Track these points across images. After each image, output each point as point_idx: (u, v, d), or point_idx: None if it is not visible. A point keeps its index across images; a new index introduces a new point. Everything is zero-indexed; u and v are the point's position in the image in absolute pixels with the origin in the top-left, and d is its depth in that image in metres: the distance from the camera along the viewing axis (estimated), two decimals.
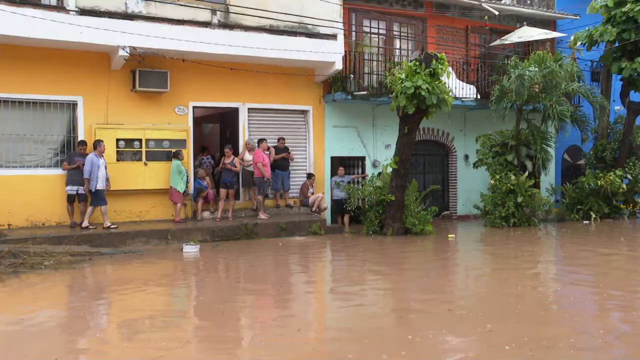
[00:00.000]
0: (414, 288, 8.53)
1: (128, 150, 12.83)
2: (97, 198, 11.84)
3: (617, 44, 16.49)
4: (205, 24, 12.72)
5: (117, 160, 12.58)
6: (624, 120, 17.71)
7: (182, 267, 10.32)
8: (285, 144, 14.38)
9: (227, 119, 15.26)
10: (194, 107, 13.76)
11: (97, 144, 11.95)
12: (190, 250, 11.17)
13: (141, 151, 12.92)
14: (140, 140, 12.90)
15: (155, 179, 12.94)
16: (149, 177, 12.91)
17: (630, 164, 17.20)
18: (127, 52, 11.93)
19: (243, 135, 14.31)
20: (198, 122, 15.27)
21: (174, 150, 12.99)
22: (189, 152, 13.46)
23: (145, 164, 12.91)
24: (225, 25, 12.94)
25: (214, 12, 12.80)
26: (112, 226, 11.82)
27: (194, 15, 12.62)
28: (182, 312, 7.38)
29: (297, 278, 9.79)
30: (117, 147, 12.64)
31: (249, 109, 14.39)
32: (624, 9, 15.83)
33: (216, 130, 17.20)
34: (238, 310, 7.33)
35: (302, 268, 10.66)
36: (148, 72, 12.65)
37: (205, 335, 6.24)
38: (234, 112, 14.38)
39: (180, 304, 7.91)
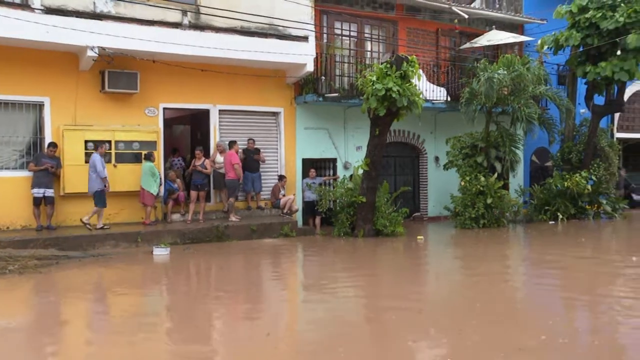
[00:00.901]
0: (386, 290, 8.56)
1: None
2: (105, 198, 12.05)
3: (581, 49, 16.85)
4: (176, 25, 12.61)
5: (86, 162, 12.35)
6: (589, 123, 18.09)
7: (151, 270, 10.19)
8: (256, 145, 14.33)
9: (198, 121, 15.13)
10: (164, 109, 13.64)
11: (100, 144, 12.11)
12: (161, 253, 11.04)
13: (110, 153, 12.73)
14: (109, 142, 12.71)
15: (125, 181, 12.76)
16: (118, 179, 12.70)
17: (595, 165, 17.59)
18: (95, 52, 11.75)
19: (214, 137, 14.23)
20: (168, 123, 15.12)
21: (145, 152, 12.83)
22: (159, 154, 13.30)
23: (115, 166, 12.72)
24: (196, 26, 12.84)
25: (184, 12, 12.70)
26: (105, 226, 11.97)
27: (164, 16, 12.49)
28: (151, 317, 7.24)
29: (268, 281, 9.78)
30: (86, 148, 12.42)
31: (220, 110, 14.30)
32: (587, 15, 16.19)
33: (187, 132, 17.05)
34: (207, 314, 7.26)
35: (273, 270, 10.64)
36: (117, 73, 12.48)
37: (173, 341, 6.14)
38: (205, 113, 14.28)
39: (149, 309, 7.77)
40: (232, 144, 13.65)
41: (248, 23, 13.23)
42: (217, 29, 13.01)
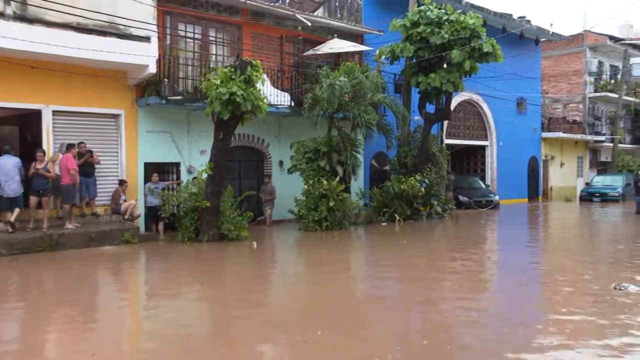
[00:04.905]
0: (230, 299, 8.37)
1: None
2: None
3: (414, 60, 18.09)
4: None
5: None
6: (422, 130, 19.44)
7: None
8: (92, 148, 13.65)
9: (28, 122, 14.05)
10: None
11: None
12: None
13: None
14: None
15: None
16: None
17: (427, 169, 18.94)
18: None
19: (47, 140, 13.30)
20: None
21: None
22: None
23: None
24: (23, 18, 11.87)
25: (7, 1, 11.68)
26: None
27: None
28: None
29: (103, 293, 9.21)
30: None
31: (53, 111, 13.42)
32: (418, 30, 17.47)
33: (15, 134, 15.73)
34: (25, 334, 6.55)
35: (110, 281, 10.13)
36: None
37: None
38: (37, 114, 13.30)
39: None
40: (69, 147, 12.89)
41: (85, 20, 12.53)
42: (49, 24, 12.15)
